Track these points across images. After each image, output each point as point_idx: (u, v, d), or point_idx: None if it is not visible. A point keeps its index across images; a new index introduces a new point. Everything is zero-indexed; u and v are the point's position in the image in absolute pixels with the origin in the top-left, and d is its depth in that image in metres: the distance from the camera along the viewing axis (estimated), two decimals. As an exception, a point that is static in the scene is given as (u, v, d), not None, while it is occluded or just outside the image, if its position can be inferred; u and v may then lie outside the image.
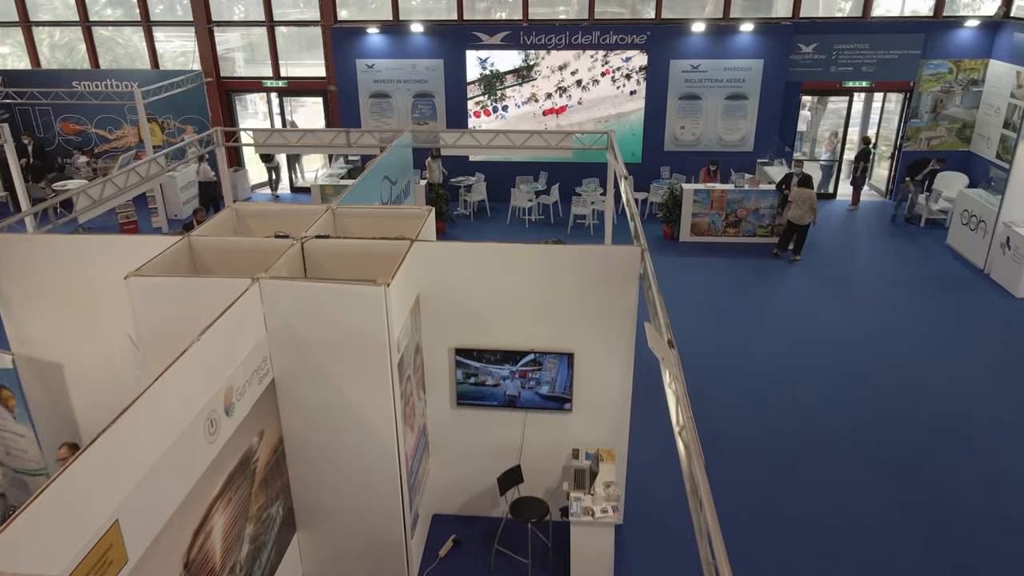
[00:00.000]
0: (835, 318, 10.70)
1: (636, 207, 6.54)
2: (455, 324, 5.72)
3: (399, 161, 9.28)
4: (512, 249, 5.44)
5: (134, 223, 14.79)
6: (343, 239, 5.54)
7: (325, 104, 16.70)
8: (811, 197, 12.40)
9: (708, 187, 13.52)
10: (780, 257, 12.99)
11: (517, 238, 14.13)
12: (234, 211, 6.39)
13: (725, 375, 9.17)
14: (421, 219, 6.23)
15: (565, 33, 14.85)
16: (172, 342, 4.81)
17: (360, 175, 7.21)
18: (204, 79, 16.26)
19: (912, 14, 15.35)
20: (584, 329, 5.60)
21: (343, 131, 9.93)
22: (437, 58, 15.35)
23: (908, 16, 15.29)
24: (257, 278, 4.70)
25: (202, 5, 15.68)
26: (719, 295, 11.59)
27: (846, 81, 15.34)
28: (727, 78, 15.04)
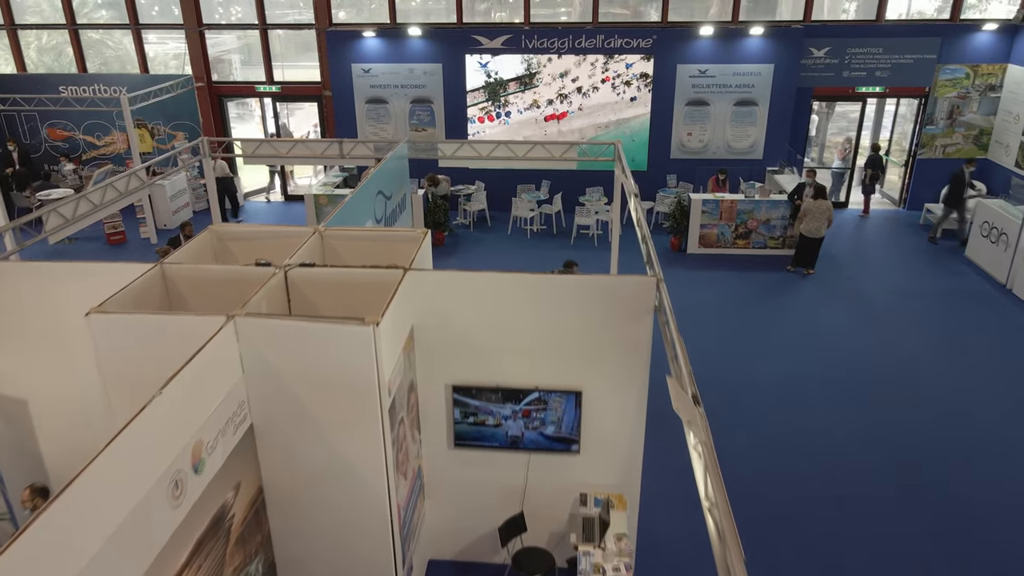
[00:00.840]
0: (852, 337, 10.27)
1: (646, 226, 6.11)
2: (453, 360, 5.29)
3: (394, 173, 8.86)
4: (514, 279, 5.02)
5: (121, 234, 14.39)
6: (330, 268, 5.12)
7: (320, 110, 16.29)
8: (828, 209, 11.97)
9: (717, 197, 13.10)
10: (794, 272, 12.55)
11: (519, 249, 13.71)
12: (214, 234, 5.97)
13: (737, 397, 8.74)
14: (416, 242, 5.81)
15: (568, 37, 14.44)
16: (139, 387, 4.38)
17: (353, 191, 6.79)
18: (195, 84, 15.84)
19: (928, 17, 14.94)
20: (593, 366, 5.17)
21: (336, 141, 9.52)
22: (435, 62, 14.94)
23: (924, 19, 14.89)
24: (232, 315, 4.28)
25: (192, 7, 15.27)
26: (729, 310, 11.17)
27: (859, 86, 14.92)
28: (736, 83, 14.62)
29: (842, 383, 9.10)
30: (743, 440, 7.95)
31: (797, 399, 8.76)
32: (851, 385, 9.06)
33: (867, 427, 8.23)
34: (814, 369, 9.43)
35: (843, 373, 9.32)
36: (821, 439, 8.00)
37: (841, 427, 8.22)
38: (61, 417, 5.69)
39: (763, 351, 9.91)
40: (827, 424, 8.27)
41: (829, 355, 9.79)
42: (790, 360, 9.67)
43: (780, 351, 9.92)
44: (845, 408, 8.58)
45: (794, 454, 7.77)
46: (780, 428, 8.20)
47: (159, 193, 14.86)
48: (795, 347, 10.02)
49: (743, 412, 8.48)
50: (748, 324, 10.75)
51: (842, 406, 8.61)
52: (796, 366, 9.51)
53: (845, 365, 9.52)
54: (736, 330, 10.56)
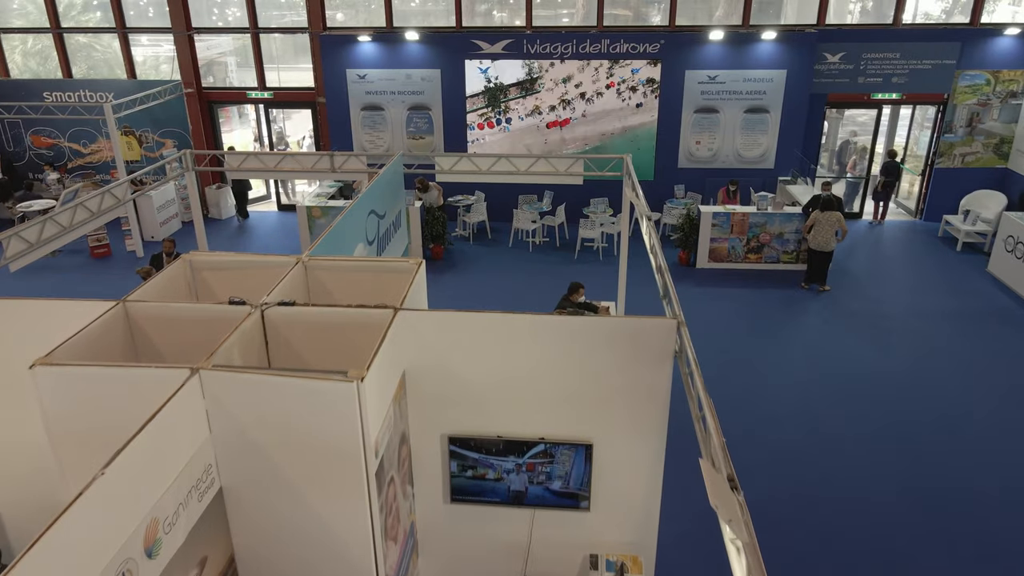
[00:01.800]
0: (873, 362, 9.78)
1: (661, 254, 5.62)
2: (449, 408, 4.80)
3: (389, 189, 8.38)
4: (517, 320, 4.53)
5: (106, 246, 13.93)
6: (311, 307, 4.63)
7: (314, 117, 15.82)
8: (838, 220, 11.50)
9: (728, 209, 12.62)
10: (808, 289, 12.06)
11: (520, 264, 13.23)
12: (188, 264, 5.48)
13: (752, 427, 8.25)
14: (409, 274, 5.32)
15: (572, 42, 13.97)
16: (92, 448, 3.89)
17: (340, 214, 6.31)
18: (184, 90, 15.38)
19: (947, 20, 14.47)
20: (605, 416, 4.68)
21: (327, 154, 9.04)
22: (434, 68, 14.48)
23: (943, 23, 14.41)
24: (197, 368, 3.79)
25: (180, 10, 14.80)
26: (741, 330, 10.68)
27: (875, 93, 14.45)
28: (747, 90, 14.15)
29: (860, 410, 8.61)
30: (758, 462, 7.47)
31: (812, 425, 8.27)
32: (870, 411, 8.57)
33: (889, 454, 7.74)
34: (837, 400, 8.94)
35: (864, 403, 8.83)
36: (838, 467, 7.52)
37: (862, 456, 7.73)
38: (14, 471, 5.20)
39: (776, 373, 9.43)
40: (846, 453, 7.79)
41: (846, 380, 9.30)
42: (804, 383, 9.18)
43: (794, 374, 9.44)
44: (865, 436, 8.09)
45: (812, 485, 7.29)
46: (795, 455, 7.72)
47: (146, 204, 14.39)
48: (810, 370, 9.53)
49: (756, 440, 7.99)
50: (760, 344, 10.26)
51: (861, 432, 8.13)
52: (816, 395, 9.02)
53: (867, 394, 9.03)
54: (747, 351, 10.07)
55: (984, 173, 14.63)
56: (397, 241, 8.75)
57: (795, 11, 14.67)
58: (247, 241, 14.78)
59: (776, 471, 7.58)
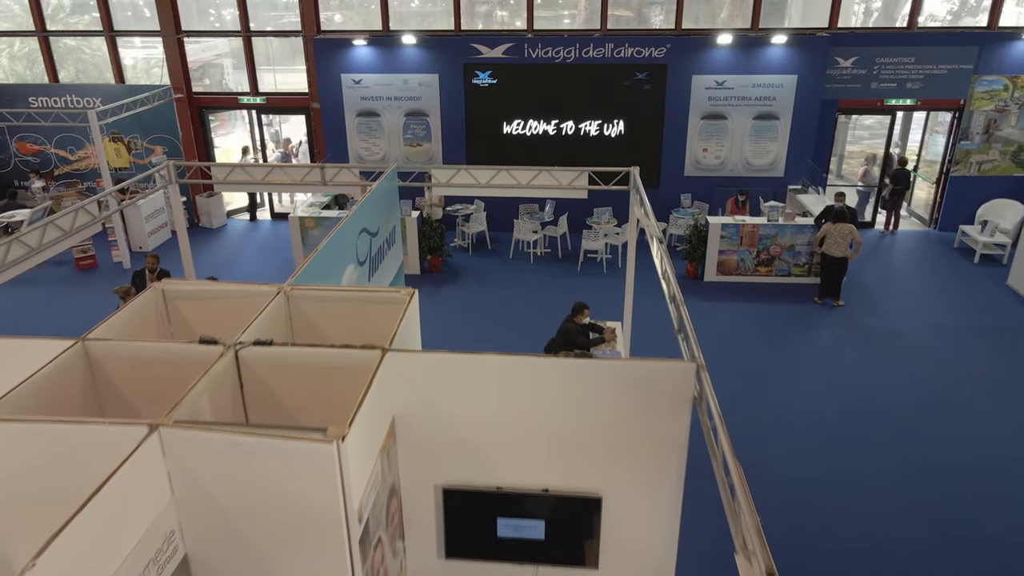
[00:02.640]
0: (893, 385, 9.36)
1: (675, 282, 5.21)
2: (443, 457, 4.39)
3: (382, 204, 7.97)
4: (519, 363, 4.12)
5: (91, 258, 13.54)
6: (291, 347, 4.22)
7: (308, 123, 15.43)
8: (851, 232, 11.10)
9: (737, 221, 12.21)
10: (822, 305, 11.65)
11: (521, 276, 12.82)
12: (160, 293, 5.07)
13: (765, 459, 7.83)
14: (400, 306, 4.92)
15: (575, 45, 13.57)
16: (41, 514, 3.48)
17: (327, 237, 5.90)
18: (173, 95, 14.98)
19: (964, 24, 14.07)
20: (615, 467, 4.27)
21: (318, 166, 8.63)
22: (431, 73, 14.08)
23: (959, 27, 14.01)
24: (157, 425, 3.38)
25: (169, 12, 14.41)
26: (752, 349, 10.27)
27: (888, 99, 14.04)
28: (756, 95, 13.75)
29: (883, 441, 8.19)
30: (774, 503, 7.05)
31: (832, 458, 7.86)
32: (893, 442, 8.15)
33: (905, 479, 7.33)
34: (850, 421, 8.53)
35: (887, 433, 8.41)
36: (862, 510, 7.10)
37: (888, 497, 7.31)
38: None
39: (790, 398, 9.01)
40: (870, 493, 7.37)
41: (866, 405, 8.88)
42: (821, 409, 8.76)
43: (809, 398, 9.02)
44: (891, 472, 7.67)
45: (826, 511, 6.87)
46: (815, 494, 7.30)
47: (133, 213, 14.00)
48: (826, 394, 9.11)
49: (771, 476, 7.58)
50: (772, 364, 9.85)
51: (887, 467, 7.71)
52: (828, 416, 8.61)
53: (889, 420, 8.61)
54: (759, 371, 9.65)
55: (1001, 182, 14.22)
56: (391, 259, 8.35)
57: (806, 14, 14.28)
58: (237, 253, 14.37)
59: (794, 514, 7.16)
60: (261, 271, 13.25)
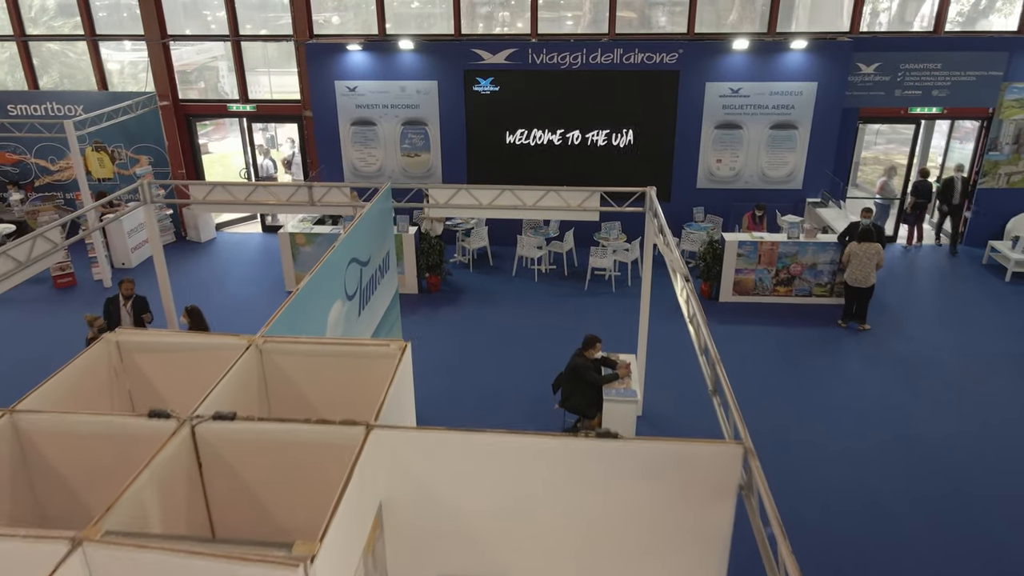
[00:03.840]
0: (929, 420, 8.72)
1: (706, 332, 4.58)
2: (438, 547, 3.77)
3: (374, 229, 7.35)
4: (528, 444, 3.50)
5: (70, 275, 12.93)
6: (257, 423, 3.59)
7: (300, 132, 14.83)
8: (877, 253, 10.46)
9: (755, 238, 11.58)
10: (847, 328, 11.01)
11: (525, 296, 12.19)
12: (115, 345, 4.45)
13: (796, 504, 7.19)
14: (390, 361, 4.30)
15: (581, 51, 12.95)
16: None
17: (307, 276, 5.28)
18: (159, 102, 14.38)
19: (994, 29, 13.44)
20: (644, 565, 3.64)
21: (306, 185, 8.02)
22: (430, 80, 13.47)
23: (989, 31, 13.38)
24: (80, 540, 2.77)
25: (154, 16, 13.81)
26: (773, 378, 9.64)
27: (913, 107, 13.42)
28: (773, 104, 13.13)
29: (925, 490, 7.55)
30: (809, 556, 6.41)
31: (868, 501, 7.22)
32: (936, 487, 7.52)
33: (942, 514, 6.70)
34: (884, 462, 7.89)
35: (928, 479, 7.78)
36: (888, 526, 6.47)
37: (911, 514, 6.68)
38: None
39: (818, 433, 8.38)
40: (915, 546, 6.74)
41: (901, 443, 8.24)
42: (853, 448, 8.13)
43: (839, 435, 8.39)
44: (914, 492, 7.04)
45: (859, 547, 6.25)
46: (854, 547, 6.67)
47: (115, 228, 13.39)
48: (857, 430, 8.48)
49: (803, 525, 6.94)
50: (796, 395, 9.21)
51: (910, 489, 7.08)
52: (861, 455, 7.97)
53: (923, 457, 7.97)
54: (783, 403, 9.02)
55: (1030, 195, 13.61)
56: (385, 288, 7.73)
57: (824, 17, 13.67)
58: (224, 269, 13.75)
59: (827, 552, 6.52)
60: (250, 291, 12.62)
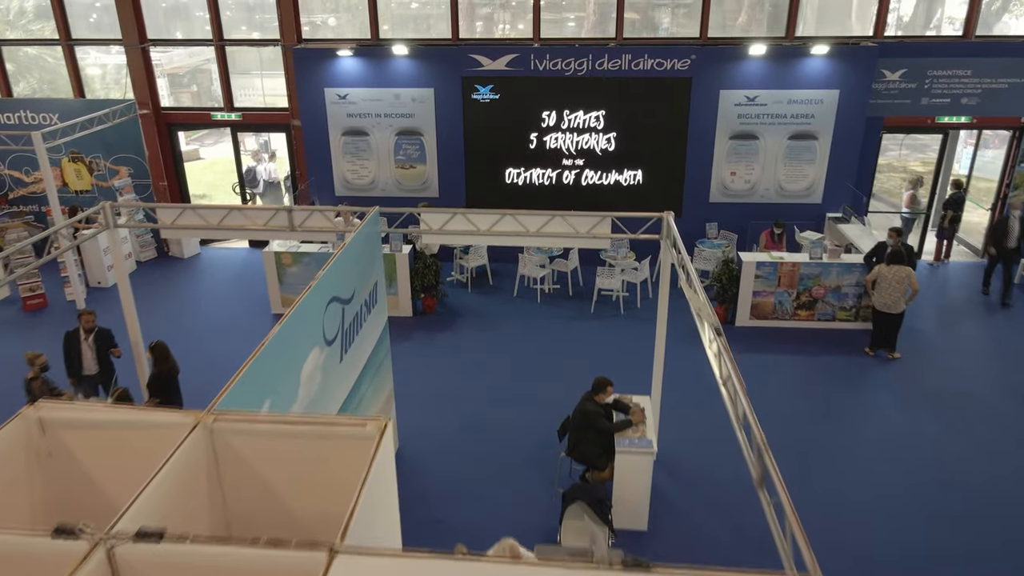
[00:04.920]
0: (973, 467, 7.99)
1: (751, 415, 3.87)
2: None
3: (359, 260, 6.64)
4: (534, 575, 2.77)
5: (41, 296, 12.24)
6: (189, 544, 2.88)
7: (289, 142, 14.13)
8: (908, 276, 9.74)
9: (774, 258, 10.87)
10: (874, 357, 10.31)
11: (527, 319, 11.48)
12: (36, 423, 3.74)
13: (830, 564, 6.48)
14: (367, 443, 3.59)
15: (587, 57, 12.25)
16: None
17: (277, 325, 4.58)
18: (138, 111, 13.68)
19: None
20: None
21: (284, 209, 7.31)
22: (426, 87, 12.77)
23: (1022, 36, 12.68)
24: None
25: (132, 18, 13.12)
26: (797, 414, 8.94)
27: (940, 116, 12.71)
28: (792, 113, 12.42)
29: (950, 510, 6.84)
30: None
31: (895, 527, 6.51)
32: (962, 512, 6.80)
33: (985, 561, 6.00)
34: (926, 516, 7.17)
35: (957, 502, 7.06)
36: None
37: (954, 563, 5.98)
38: None
39: (850, 480, 7.67)
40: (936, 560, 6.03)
41: (945, 493, 7.53)
42: (890, 497, 7.42)
43: (873, 481, 7.68)
44: (955, 538, 6.34)
45: None
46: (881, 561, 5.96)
47: (90, 245, 12.69)
48: (893, 476, 7.77)
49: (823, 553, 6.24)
50: (823, 434, 8.51)
51: (951, 535, 6.37)
52: (900, 508, 7.26)
53: (971, 511, 7.26)
54: (808, 443, 8.31)
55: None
56: (372, 325, 7.02)
57: (849, 22, 12.98)
58: (208, 288, 13.05)
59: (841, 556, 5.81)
60: (234, 312, 11.92)
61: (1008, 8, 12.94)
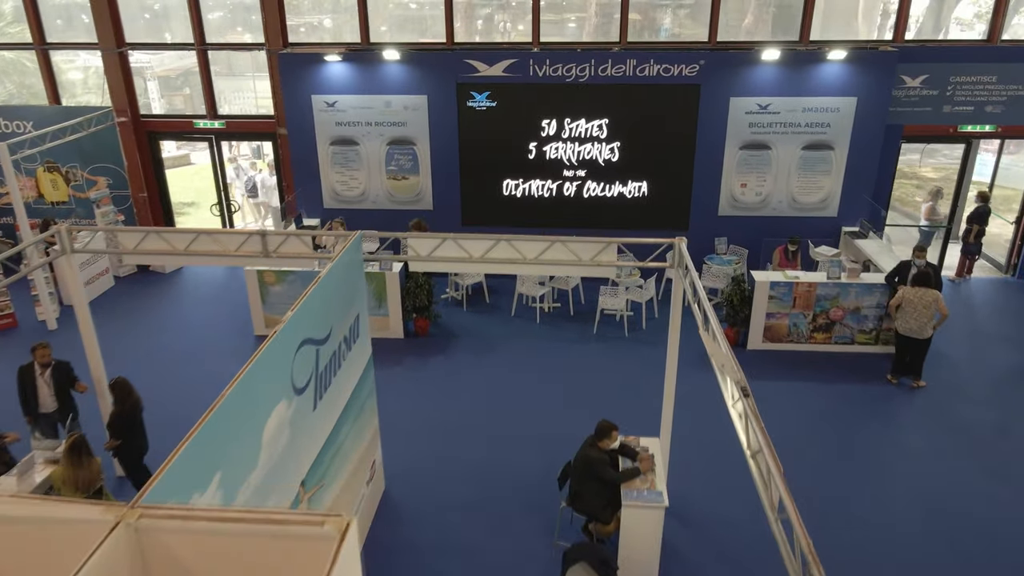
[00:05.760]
0: (1010, 506, 7.37)
1: (784, 491, 3.25)
2: None
3: (337, 293, 6.02)
4: None
5: (10, 316, 11.63)
6: None
7: (275, 151, 13.52)
8: (935, 300, 9.10)
9: (789, 278, 10.25)
10: (897, 385, 9.69)
11: (526, 341, 10.87)
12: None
13: None
14: (327, 546, 2.96)
15: (589, 62, 11.64)
16: None
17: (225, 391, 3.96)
18: (116, 118, 13.07)
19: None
20: None
21: (258, 233, 6.70)
22: (419, 94, 12.16)
23: (1050, 40, 12.09)
24: None
25: (108, 21, 12.51)
26: (814, 448, 8.33)
27: (964, 124, 12.10)
28: (806, 121, 11.81)
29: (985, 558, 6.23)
30: None
31: None
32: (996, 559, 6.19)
33: None
34: (961, 566, 6.55)
35: (992, 551, 6.45)
36: None
37: None
38: None
39: (874, 524, 7.04)
40: None
41: (979, 541, 6.91)
42: (920, 545, 6.79)
43: (900, 526, 7.05)
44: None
45: None
46: None
47: (63, 262, 12.01)
48: (923, 521, 7.14)
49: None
50: (843, 472, 7.89)
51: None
52: (934, 557, 6.63)
53: (1009, 560, 6.63)
54: (828, 481, 7.68)
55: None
56: (353, 361, 6.39)
57: (866, 26, 12.37)
58: (188, 306, 12.43)
59: None
60: (215, 333, 11.31)
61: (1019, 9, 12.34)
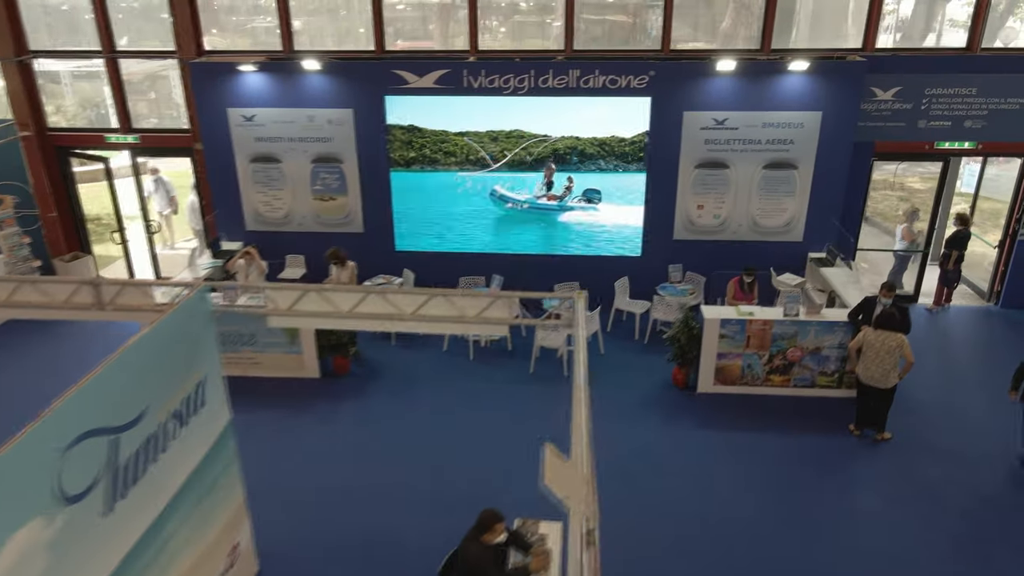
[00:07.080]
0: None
1: None
2: None
3: (169, 360, 5.06)
4: None
5: None
6: None
7: (194, 168, 12.55)
8: (900, 346, 8.13)
9: (742, 315, 9.31)
10: (860, 437, 8.75)
11: (456, 380, 9.92)
12: None
13: None
14: None
15: (529, 73, 10.71)
16: None
17: None
18: (18, 132, 12.11)
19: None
20: None
21: (89, 283, 5.73)
22: (345, 107, 11.21)
23: (1035, 49, 11.19)
24: None
25: (7, 29, 11.54)
26: (764, 516, 7.34)
27: (940, 141, 11.18)
28: (767, 138, 10.89)
29: None
30: None
31: None
32: None
33: None
34: None
35: None
36: None
37: None
38: None
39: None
40: None
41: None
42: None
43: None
44: None
45: None
46: None
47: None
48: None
49: None
50: (795, 541, 6.92)
51: None
52: None
53: None
54: (776, 552, 6.72)
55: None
56: (197, 430, 5.39)
57: (826, 33, 11.46)
58: (64, 361, 11.42)
59: None
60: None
61: (1013, 11, 11.46)
